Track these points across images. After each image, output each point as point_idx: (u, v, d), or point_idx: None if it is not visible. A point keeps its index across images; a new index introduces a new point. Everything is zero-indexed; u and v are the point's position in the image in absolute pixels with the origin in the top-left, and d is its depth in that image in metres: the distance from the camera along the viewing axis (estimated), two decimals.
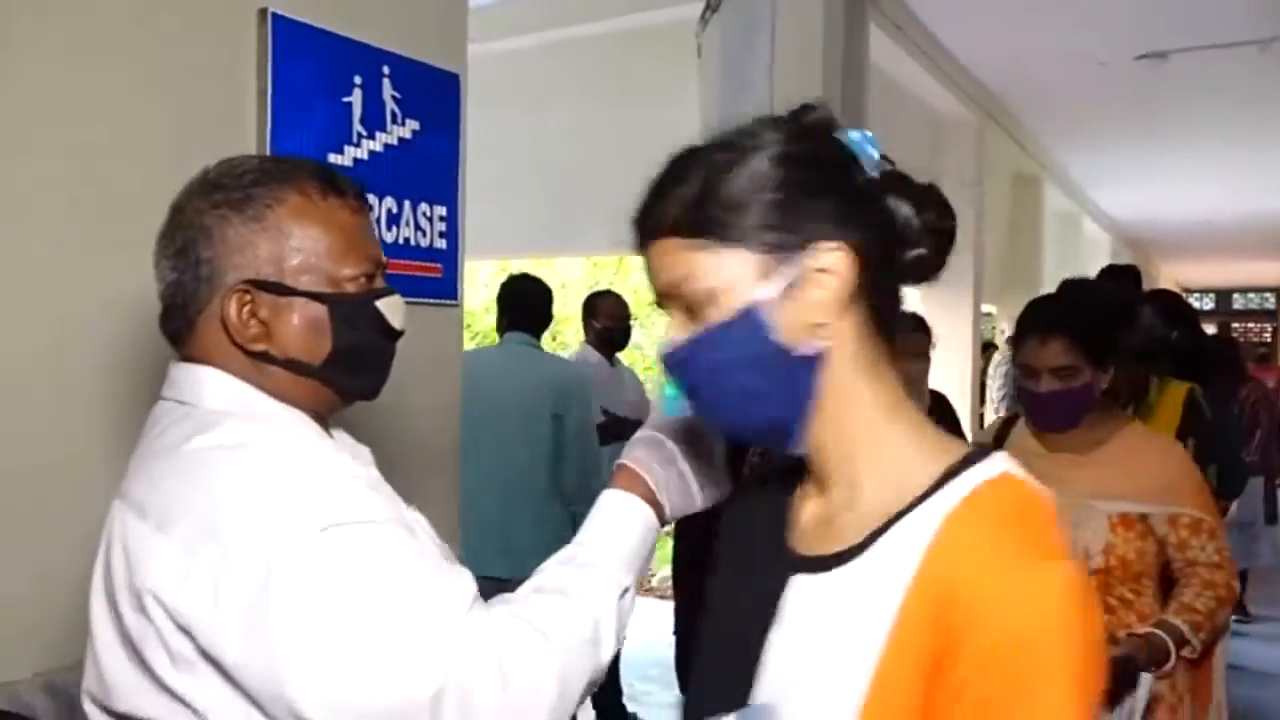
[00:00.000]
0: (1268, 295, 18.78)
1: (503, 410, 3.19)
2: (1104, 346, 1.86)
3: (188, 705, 0.86)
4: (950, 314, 6.37)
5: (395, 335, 1.04)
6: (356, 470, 0.92)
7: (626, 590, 0.96)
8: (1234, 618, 5.72)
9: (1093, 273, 10.86)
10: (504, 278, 3.80)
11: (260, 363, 0.98)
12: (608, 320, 4.11)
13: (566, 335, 7.23)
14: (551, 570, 0.96)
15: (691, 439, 1.02)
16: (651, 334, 7.14)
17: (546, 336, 7.45)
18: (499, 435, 3.17)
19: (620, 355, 4.26)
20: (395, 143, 2.02)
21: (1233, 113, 6.89)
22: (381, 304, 1.02)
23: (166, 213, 1.02)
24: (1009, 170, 7.81)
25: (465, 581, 0.91)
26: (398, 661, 0.82)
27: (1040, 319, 1.89)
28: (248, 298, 0.97)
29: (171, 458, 0.92)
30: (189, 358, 1.00)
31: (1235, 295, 18.97)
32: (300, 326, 0.98)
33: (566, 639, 0.90)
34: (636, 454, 1.01)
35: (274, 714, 0.84)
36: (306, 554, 0.83)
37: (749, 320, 0.74)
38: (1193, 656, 1.83)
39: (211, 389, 0.97)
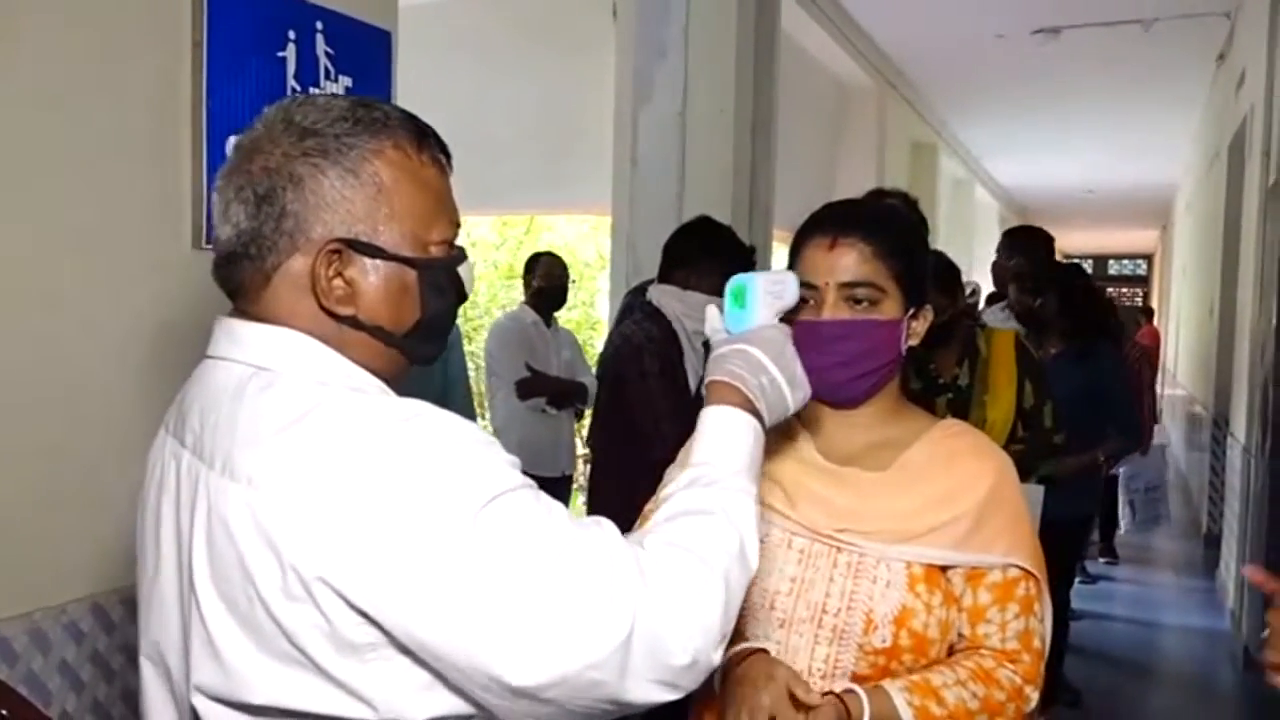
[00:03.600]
0: (1140, 262, 19.85)
1: None
2: (919, 274, 1.28)
3: (350, 691, 0.83)
4: None
5: (465, 300, 1.01)
6: (489, 437, 0.90)
7: (753, 498, 0.97)
8: (1102, 560, 6.16)
9: (983, 237, 11.13)
10: None
11: (344, 327, 0.90)
12: (543, 280, 4.18)
13: (478, 293, 7.20)
14: (682, 495, 0.95)
15: (772, 347, 1.06)
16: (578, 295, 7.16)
17: None
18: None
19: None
20: None
21: (1117, 89, 7.25)
22: (461, 269, 0.97)
23: (238, 151, 0.91)
24: (907, 138, 8.06)
25: (609, 526, 0.89)
26: (591, 613, 0.81)
27: (831, 217, 1.28)
28: (337, 257, 0.89)
29: (299, 433, 0.84)
30: (253, 314, 0.91)
31: (1111, 261, 19.98)
32: (390, 292, 0.91)
33: (722, 558, 0.89)
34: (727, 367, 1.04)
35: (469, 686, 0.82)
36: (483, 526, 0.81)
37: None
38: None
39: (304, 357, 0.89)
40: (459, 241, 0.99)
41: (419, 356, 0.97)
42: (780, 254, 5.81)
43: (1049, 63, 6.48)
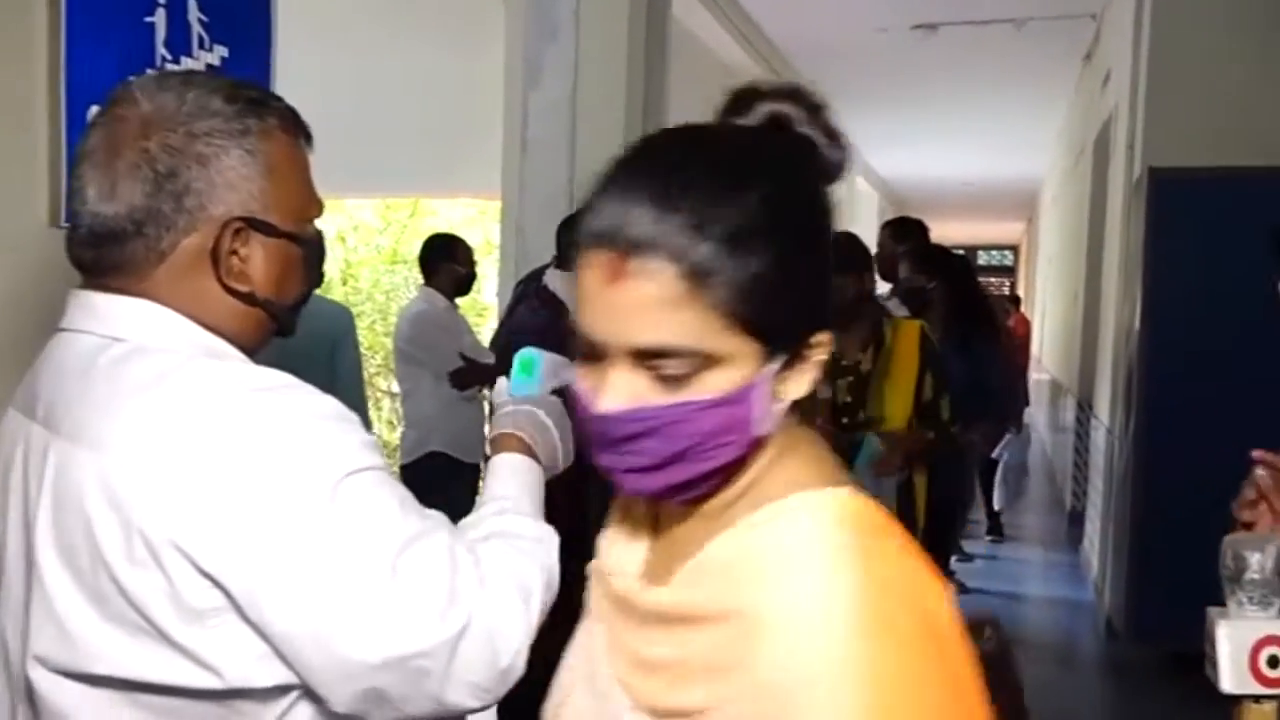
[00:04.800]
0: (1007, 252, 20.78)
1: (284, 354, 3.08)
2: (797, 294, 0.69)
3: (195, 659, 0.83)
4: None
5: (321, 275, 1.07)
6: (349, 413, 0.91)
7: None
8: (989, 538, 6.45)
9: (864, 227, 11.57)
10: None
11: (239, 303, 0.93)
12: (469, 265, 4.11)
13: (360, 279, 6.98)
14: (498, 519, 1.00)
15: (555, 413, 1.15)
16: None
17: (336, 281, 7.17)
18: None
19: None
20: (203, 69, 1.88)
21: (991, 85, 7.53)
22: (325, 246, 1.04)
23: (121, 125, 0.89)
24: None
25: (450, 524, 0.94)
26: (432, 600, 0.85)
27: (618, 201, 0.66)
28: (239, 235, 0.92)
29: (154, 397, 0.84)
30: (121, 289, 0.91)
31: (980, 252, 20.83)
32: (281, 268, 0.95)
33: (541, 575, 0.95)
34: (516, 422, 1.13)
35: (301, 665, 0.84)
36: (338, 500, 0.84)
37: None
38: None
39: (161, 327, 0.90)
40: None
41: (288, 330, 1.01)
42: None
43: (928, 58, 6.67)
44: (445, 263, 4.09)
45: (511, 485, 1.06)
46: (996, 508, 5.94)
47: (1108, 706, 4.04)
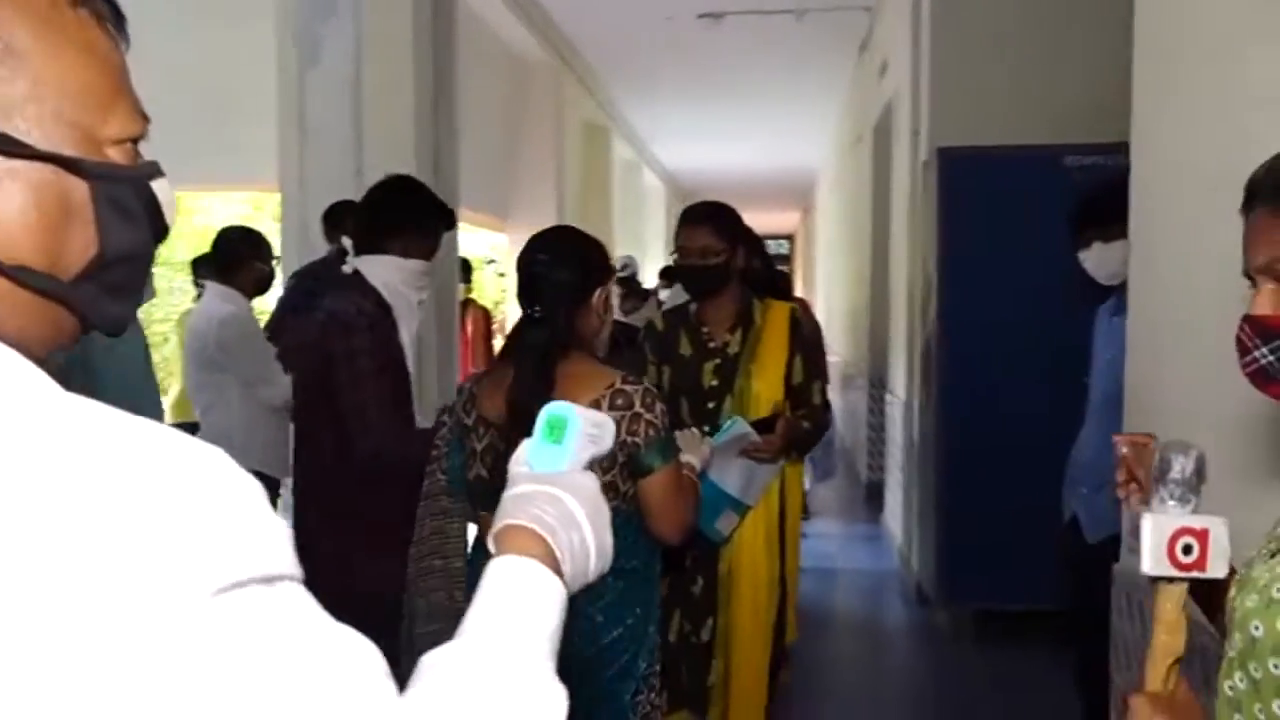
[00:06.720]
0: (783, 241, 21.78)
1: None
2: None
3: None
4: None
5: (165, 236, 0.68)
6: (228, 467, 0.55)
7: (560, 690, 0.72)
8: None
9: (652, 220, 11.54)
10: None
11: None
12: (270, 262, 3.70)
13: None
14: (467, 666, 0.68)
15: (589, 501, 0.83)
16: None
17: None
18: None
19: None
20: None
21: (773, 76, 7.74)
22: (158, 187, 0.65)
23: None
24: (582, 119, 8.10)
25: (377, 663, 0.61)
26: None
27: None
28: None
29: None
30: None
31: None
32: (41, 212, 0.59)
33: None
34: (534, 511, 0.80)
35: None
36: (188, 639, 0.50)
37: None
38: None
39: None
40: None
41: (100, 316, 0.64)
42: (471, 235, 5.56)
43: (712, 48, 6.75)
44: (248, 259, 3.65)
45: (508, 606, 0.74)
46: (806, 486, 6.10)
47: (926, 668, 4.19)
